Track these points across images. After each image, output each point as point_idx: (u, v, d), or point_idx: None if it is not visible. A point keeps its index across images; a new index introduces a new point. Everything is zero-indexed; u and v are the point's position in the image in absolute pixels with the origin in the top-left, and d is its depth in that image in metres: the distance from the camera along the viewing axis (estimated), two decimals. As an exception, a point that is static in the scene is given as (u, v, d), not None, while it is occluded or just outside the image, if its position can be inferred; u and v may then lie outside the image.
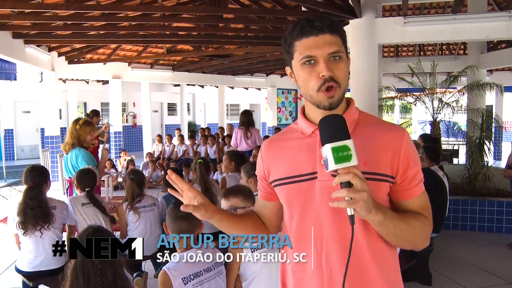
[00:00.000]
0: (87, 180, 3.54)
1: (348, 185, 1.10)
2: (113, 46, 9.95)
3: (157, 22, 7.48)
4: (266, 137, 10.46)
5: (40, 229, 3.10)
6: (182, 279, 1.96)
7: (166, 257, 3.63)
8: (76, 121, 4.28)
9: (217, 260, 2.12)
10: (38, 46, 8.06)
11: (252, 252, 2.14)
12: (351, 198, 1.09)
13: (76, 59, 10.08)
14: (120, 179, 9.32)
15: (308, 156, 1.29)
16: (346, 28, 6.52)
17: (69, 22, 6.88)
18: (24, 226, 3.08)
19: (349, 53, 1.34)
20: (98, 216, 3.46)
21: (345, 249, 1.21)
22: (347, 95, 1.33)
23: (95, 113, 7.30)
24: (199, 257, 2.04)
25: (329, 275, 1.26)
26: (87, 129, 4.16)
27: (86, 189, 3.52)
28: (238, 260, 2.17)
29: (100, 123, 7.58)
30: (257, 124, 20.17)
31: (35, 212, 3.09)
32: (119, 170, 9.89)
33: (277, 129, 11.63)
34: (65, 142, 4.21)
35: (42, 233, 3.11)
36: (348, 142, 1.11)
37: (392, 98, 9.56)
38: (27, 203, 3.09)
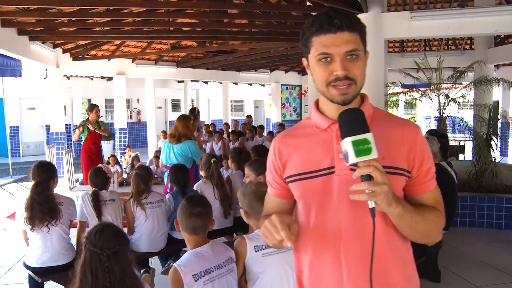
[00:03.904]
0: (95, 179, 3.54)
1: (368, 178, 1.10)
2: (117, 42, 9.94)
3: (161, 18, 7.45)
4: (270, 132, 10.44)
5: (47, 224, 3.10)
6: (192, 275, 1.93)
7: (170, 264, 3.64)
8: (188, 117, 5.03)
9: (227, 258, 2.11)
10: (43, 42, 8.06)
11: (256, 252, 2.12)
12: (371, 191, 1.09)
13: (80, 56, 10.08)
14: (125, 176, 9.33)
15: (325, 150, 1.28)
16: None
17: (73, 19, 6.86)
18: (31, 222, 3.07)
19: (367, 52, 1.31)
20: (110, 214, 3.46)
21: (365, 243, 1.22)
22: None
23: (93, 106, 7.17)
24: (209, 254, 2.04)
25: (348, 270, 1.25)
26: (196, 124, 5.05)
27: (94, 188, 3.51)
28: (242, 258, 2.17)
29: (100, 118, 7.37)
30: (261, 120, 20.18)
31: (42, 208, 3.08)
32: (124, 166, 9.91)
33: (281, 125, 11.57)
34: (178, 134, 4.83)
35: (50, 229, 3.11)
36: (368, 136, 1.11)
37: (398, 93, 9.51)
38: (34, 198, 3.09)
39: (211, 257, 2.02)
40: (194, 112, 7.81)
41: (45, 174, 3.22)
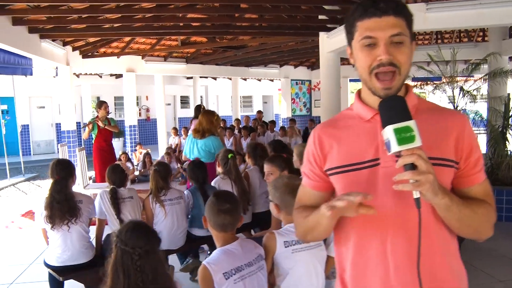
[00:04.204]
0: (113, 177, 3.51)
1: (412, 167, 1.06)
2: (127, 39, 9.91)
3: (172, 13, 7.40)
4: (282, 128, 10.38)
5: (67, 223, 3.07)
6: (223, 274, 1.88)
7: (189, 261, 3.62)
8: (212, 112, 5.05)
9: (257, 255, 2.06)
10: (53, 40, 8.05)
11: (285, 247, 2.08)
12: (416, 180, 1.05)
13: (90, 53, 10.07)
14: (136, 173, 9.33)
15: (369, 142, 1.24)
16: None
17: (84, 15, 6.84)
18: (51, 220, 3.05)
19: (415, 38, 1.26)
20: (129, 211, 3.44)
21: (411, 237, 1.17)
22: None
23: (102, 103, 7.16)
24: (239, 252, 1.99)
25: (395, 265, 1.20)
26: (220, 120, 5.11)
27: (112, 186, 3.49)
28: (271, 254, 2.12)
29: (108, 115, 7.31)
30: (270, 116, 20.11)
31: (62, 206, 3.06)
32: (135, 163, 9.90)
33: (292, 120, 11.48)
34: (202, 130, 4.83)
35: (70, 227, 3.09)
36: (411, 123, 1.07)
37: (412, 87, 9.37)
38: (53, 196, 3.06)
39: (241, 255, 1.97)
40: (200, 109, 7.82)
41: (63, 172, 3.19)
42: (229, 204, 2.03)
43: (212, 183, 3.97)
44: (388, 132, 1.08)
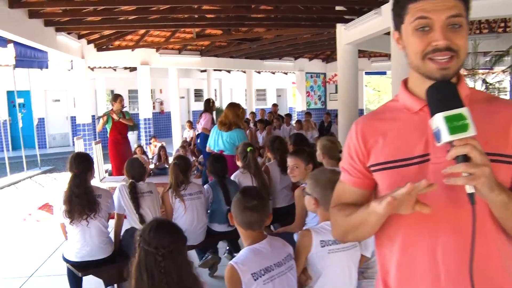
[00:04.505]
0: (132, 171, 3.44)
1: (465, 159, 0.95)
2: (141, 32, 9.85)
3: (187, 5, 7.30)
4: (298, 121, 10.24)
5: (86, 218, 3.01)
6: (251, 274, 1.79)
7: (208, 256, 3.54)
8: (238, 105, 5.02)
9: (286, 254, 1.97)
10: (68, 33, 8.02)
11: (322, 247, 1.97)
12: (470, 174, 0.94)
13: (104, 46, 10.04)
14: (152, 166, 9.31)
15: (418, 136, 1.13)
16: (383, 7, 6.16)
17: (99, 8, 6.78)
18: (70, 215, 3.00)
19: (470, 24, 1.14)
20: (148, 206, 3.37)
21: (466, 238, 1.05)
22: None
23: (117, 96, 7.14)
24: (268, 251, 1.90)
25: (447, 269, 1.10)
26: (245, 113, 5.00)
27: (130, 180, 3.42)
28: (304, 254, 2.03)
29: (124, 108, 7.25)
30: (285, 109, 19.97)
31: (81, 200, 3.00)
32: (150, 157, 9.88)
33: (307, 113, 11.33)
34: (229, 122, 4.81)
35: (89, 222, 3.03)
36: (464, 110, 0.96)
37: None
38: (73, 190, 3.00)
39: (270, 254, 1.87)
40: (209, 103, 7.73)
41: (82, 165, 3.13)
42: (256, 201, 1.92)
43: (232, 177, 3.89)
44: (438, 120, 0.98)
